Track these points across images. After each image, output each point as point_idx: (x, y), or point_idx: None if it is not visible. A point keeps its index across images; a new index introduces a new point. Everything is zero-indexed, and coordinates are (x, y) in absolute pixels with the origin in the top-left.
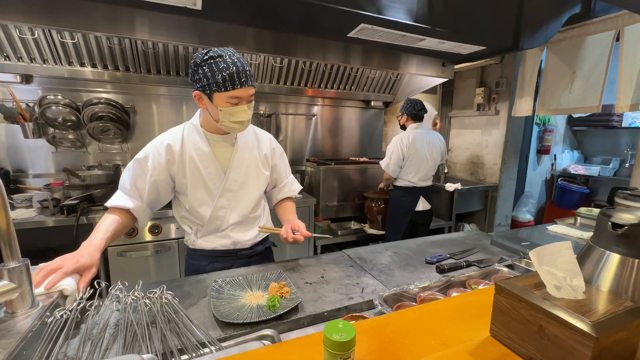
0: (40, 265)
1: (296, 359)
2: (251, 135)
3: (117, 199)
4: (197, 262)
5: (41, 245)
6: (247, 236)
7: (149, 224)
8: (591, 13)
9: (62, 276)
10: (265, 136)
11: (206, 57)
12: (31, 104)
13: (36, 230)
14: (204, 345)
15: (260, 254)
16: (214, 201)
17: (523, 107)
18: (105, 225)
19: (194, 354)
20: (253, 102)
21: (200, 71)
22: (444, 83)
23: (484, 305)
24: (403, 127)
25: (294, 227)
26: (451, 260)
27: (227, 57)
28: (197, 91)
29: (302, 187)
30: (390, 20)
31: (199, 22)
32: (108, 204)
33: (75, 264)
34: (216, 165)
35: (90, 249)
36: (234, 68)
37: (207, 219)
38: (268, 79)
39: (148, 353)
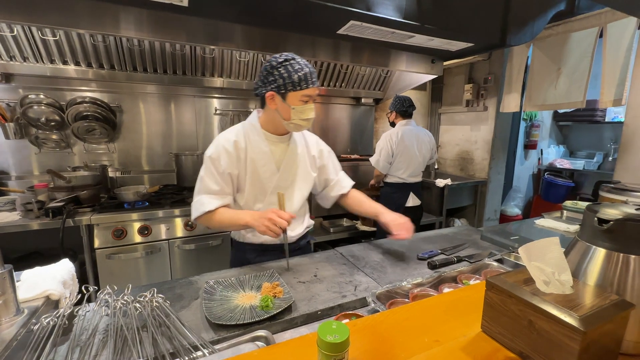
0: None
1: None
2: (300, 137)
3: (213, 202)
4: (244, 255)
5: (26, 250)
6: (295, 232)
7: (138, 225)
8: (575, 10)
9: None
10: (313, 138)
11: (282, 59)
12: (12, 104)
13: (20, 234)
14: (196, 349)
15: (303, 247)
16: (266, 197)
17: (511, 103)
18: (230, 212)
19: (187, 358)
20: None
21: (276, 72)
22: (433, 80)
23: (475, 301)
24: (392, 124)
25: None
26: (442, 256)
27: (299, 60)
28: (271, 91)
29: (354, 183)
30: (379, 17)
31: (186, 19)
32: (210, 207)
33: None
34: (272, 164)
35: (258, 213)
36: (307, 69)
37: None
38: (258, 76)
39: (139, 358)
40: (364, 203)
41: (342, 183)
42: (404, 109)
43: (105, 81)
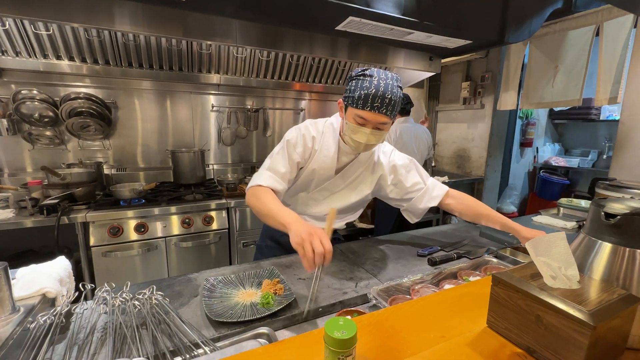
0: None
1: (295, 358)
2: (373, 154)
3: (270, 180)
4: (271, 254)
5: (20, 248)
6: (323, 225)
7: (135, 222)
8: (572, 8)
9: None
10: (386, 154)
11: (360, 72)
12: (4, 100)
13: (14, 232)
14: (197, 346)
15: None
16: (311, 191)
17: (508, 100)
18: (279, 202)
19: (188, 356)
20: (383, 131)
21: (350, 83)
22: (430, 77)
23: (479, 297)
24: None
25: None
26: (442, 253)
27: (376, 79)
28: (341, 99)
29: (447, 189)
30: (378, 13)
31: (182, 14)
32: (261, 182)
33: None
34: (332, 169)
35: (303, 223)
36: (373, 90)
37: (298, 202)
38: (255, 73)
39: (139, 356)
40: (489, 215)
41: (431, 193)
42: (402, 106)
43: (99, 77)
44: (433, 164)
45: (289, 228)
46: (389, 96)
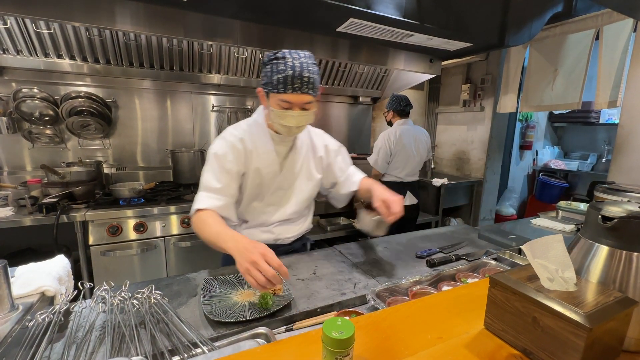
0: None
1: (293, 357)
2: (306, 136)
3: (207, 201)
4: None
5: (19, 246)
6: (290, 233)
7: (134, 221)
8: (572, 12)
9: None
10: (320, 137)
11: (272, 56)
12: (5, 98)
13: (13, 230)
14: (195, 346)
15: (298, 250)
16: (266, 197)
17: (507, 103)
18: (219, 224)
19: (186, 355)
20: (310, 110)
21: (265, 69)
22: (430, 79)
23: (477, 299)
24: (390, 124)
25: (388, 202)
26: (441, 254)
27: (290, 60)
28: (260, 87)
29: (364, 175)
30: (379, 15)
31: (184, 14)
32: (200, 206)
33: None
34: (275, 164)
35: (244, 239)
36: (291, 72)
37: (255, 214)
38: (256, 73)
39: (137, 355)
40: (370, 186)
41: (352, 178)
42: (401, 107)
43: (100, 76)
44: (432, 166)
45: (232, 254)
46: (307, 75)
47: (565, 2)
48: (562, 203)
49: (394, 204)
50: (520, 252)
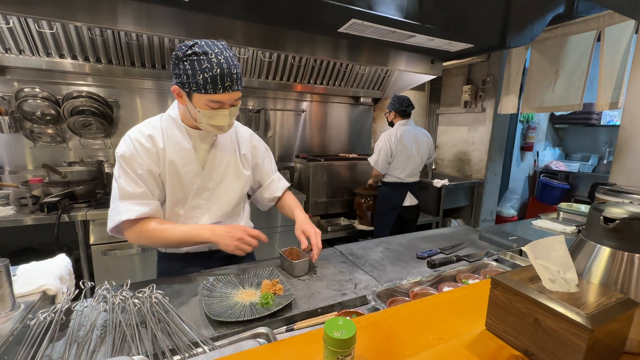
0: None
1: (294, 357)
2: (230, 131)
3: (135, 208)
4: (169, 266)
5: (20, 245)
6: None
7: None
8: (574, 13)
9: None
10: (245, 133)
11: (189, 51)
12: (7, 97)
13: (14, 229)
14: (196, 345)
15: (242, 258)
16: (188, 201)
17: (508, 104)
18: (177, 225)
19: (187, 354)
20: (238, 105)
21: (181, 66)
22: (432, 80)
23: (478, 299)
24: (391, 124)
25: (307, 234)
26: (441, 255)
27: (213, 56)
28: (176, 86)
29: (289, 184)
30: (380, 16)
31: (186, 14)
32: (127, 216)
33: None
34: (195, 163)
35: (216, 226)
36: (219, 70)
37: (180, 219)
38: (257, 73)
39: (138, 354)
40: (293, 209)
41: (277, 184)
42: (403, 108)
43: (102, 76)
44: (433, 167)
45: (213, 241)
46: (235, 71)
47: (566, 3)
48: (563, 204)
49: (314, 236)
50: (521, 253)
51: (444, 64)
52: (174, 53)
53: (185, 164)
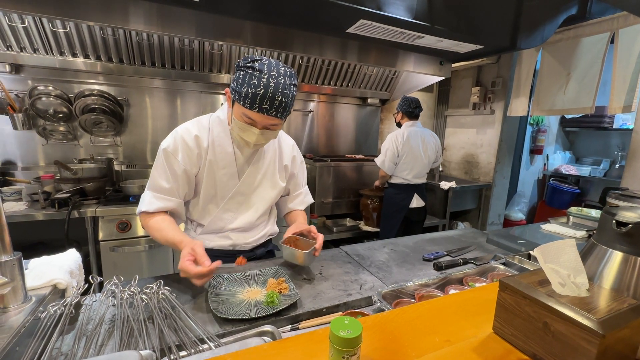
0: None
1: (300, 355)
2: (275, 141)
3: (155, 202)
4: None
5: (31, 240)
6: (249, 239)
7: None
8: (587, 15)
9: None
10: (289, 143)
11: (249, 64)
12: (21, 95)
13: (26, 224)
14: (202, 342)
15: (261, 257)
16: (223, 202)
17: (518, 107)
18: (171, 230)
19: (193, 350)
20: (274, 130)
21: (237, 73)
22: (440, 82)
23: (485, 302)
24: (399, 125)
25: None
26: (448, 258)
27: (266, 76)
28: (228, 89)
29: (313, 201)
30: (389, 16)
31: (196, 14)
32: (148, 208)
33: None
34: (232, 167)
35: (188, 242)
36: (262, 90)
37: (211, 219)
38: None
39: (145, 349)
40: (297, 219)
41: (303, 198)
42: (411, 109)
43: (113, 74)
44: (441, 169)
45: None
46: (279, 98)
47: (580, 4)
48: (573, 209)
49: (319, 236)
50: (529, 257)
51: (453, 65)
52: (239, 59)
53: (223, 166)
